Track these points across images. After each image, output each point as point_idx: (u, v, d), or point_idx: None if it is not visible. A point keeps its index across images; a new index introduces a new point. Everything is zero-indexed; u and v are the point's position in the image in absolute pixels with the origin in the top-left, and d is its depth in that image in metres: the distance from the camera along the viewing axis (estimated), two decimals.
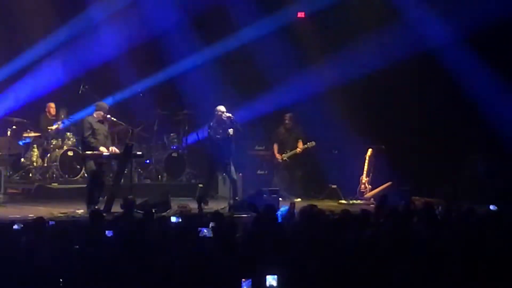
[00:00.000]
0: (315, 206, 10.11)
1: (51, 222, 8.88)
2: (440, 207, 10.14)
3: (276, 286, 6.32)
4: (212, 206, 14.23)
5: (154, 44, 18.40)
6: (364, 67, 16.99)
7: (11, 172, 16.67)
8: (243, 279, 6.25)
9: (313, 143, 16.48)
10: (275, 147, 16.77)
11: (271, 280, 6.33)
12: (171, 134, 18.06)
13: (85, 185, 14.10)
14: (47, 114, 17.16)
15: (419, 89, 16.93)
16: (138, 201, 12.86)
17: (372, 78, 17.06)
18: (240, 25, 18.08)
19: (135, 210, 12.29)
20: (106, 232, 8.00)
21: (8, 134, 17.00)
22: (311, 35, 18.13)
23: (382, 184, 16.08)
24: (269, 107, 17.72)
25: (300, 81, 17.79)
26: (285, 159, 16.56)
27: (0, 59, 17.50)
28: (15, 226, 8.48)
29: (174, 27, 18.35)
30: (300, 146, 16.53)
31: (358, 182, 16.39)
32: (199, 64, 18.42)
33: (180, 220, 9.34)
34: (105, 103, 13.89)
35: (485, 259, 6.85)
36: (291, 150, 16.61)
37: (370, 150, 16.51)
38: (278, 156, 16.65)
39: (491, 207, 10.30)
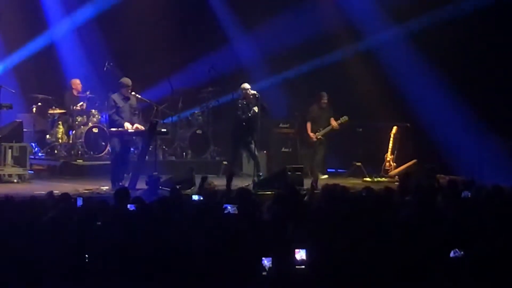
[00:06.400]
0: (338, 184, 10.10)
1: (79, 200, 8.91)
2: (464, 185, 10.06)
3: (306, 260, 6.34)
4: (237, 183, 14.22)
5: (181, 22, 18.45)
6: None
7: (36, 149, 16.76)
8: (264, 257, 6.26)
9: (346, 118, 16.35)
10: (309, 125, 16.59)
11: (302, 253, 6.35)
12: (196, 112, 18.05)
13: (110, 162, 14.14)
14: (73, 91, 17.14)
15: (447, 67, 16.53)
16: (163, 178, 12.93)
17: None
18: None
19: (160, 187, 12.38)
20: (128, 206, 8.02)
21: (34, 111, 17.11)
22: None
23: (407, 162, 16.01)
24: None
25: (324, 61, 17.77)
26: (320, 137, 16.44)
27: None
28: None
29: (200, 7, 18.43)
30: (334, 123, 16.39)
31: (383, 159, 16.34)
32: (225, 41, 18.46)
33: (201, 198, 9.32)
34: (129, 79, 13.76)
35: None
36: (324, 128, 16.48)
37: (395, 128, 16.43)
38: (312, 135, 16.46)
39: None
